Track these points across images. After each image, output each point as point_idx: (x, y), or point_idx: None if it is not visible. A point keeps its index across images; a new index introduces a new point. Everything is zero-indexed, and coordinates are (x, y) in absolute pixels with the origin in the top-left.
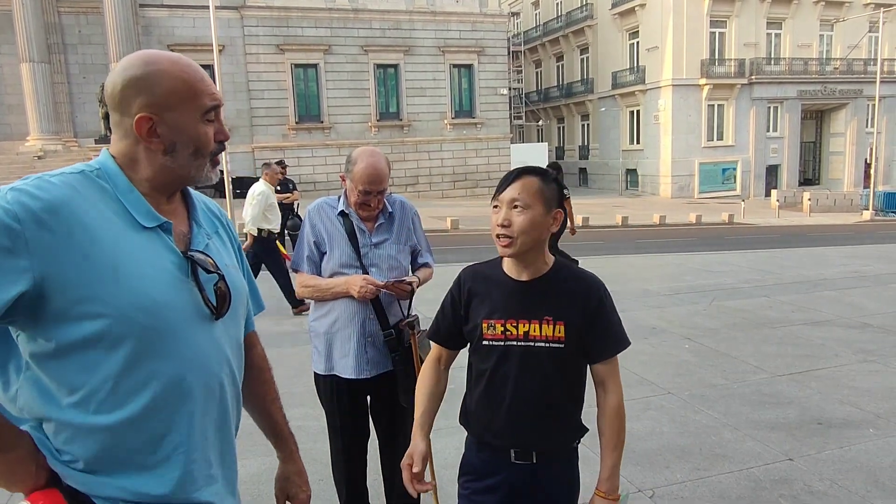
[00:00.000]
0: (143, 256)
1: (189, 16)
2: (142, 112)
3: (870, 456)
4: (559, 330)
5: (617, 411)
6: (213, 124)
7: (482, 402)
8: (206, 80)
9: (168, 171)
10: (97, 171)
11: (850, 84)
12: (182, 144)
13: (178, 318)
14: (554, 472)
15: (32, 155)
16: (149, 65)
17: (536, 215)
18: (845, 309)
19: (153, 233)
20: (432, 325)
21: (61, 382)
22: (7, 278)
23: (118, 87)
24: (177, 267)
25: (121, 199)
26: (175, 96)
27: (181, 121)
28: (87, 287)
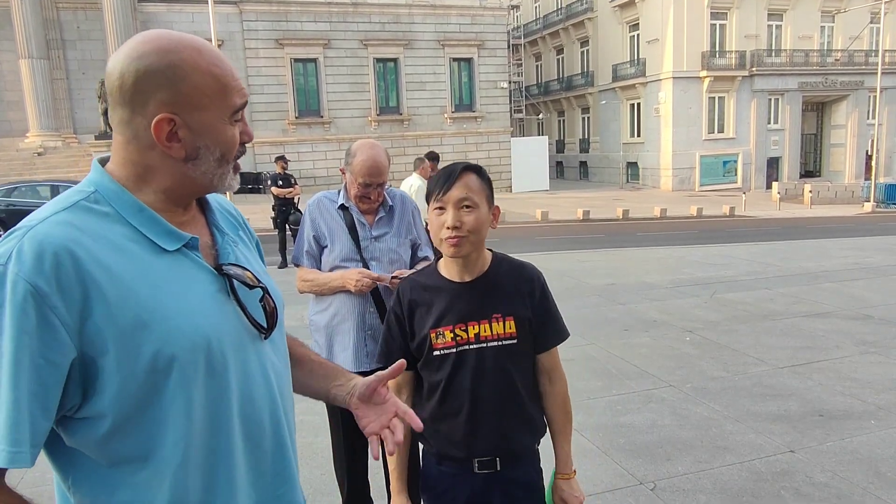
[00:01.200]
0: (177, 286)
1: (188, 11)
2: (162, 112)
3: (871, 447)
4: (509, 326)
5: (564, 398)
6: (239, 123)
7: (438, 414)
8: (235, 72)
9: (188, 181)
10: (93, 193)
11: (851, 75)
12: (206, 150)
13: (230, 347)
14: (518, 476)
15: (32, 151)
16: (169, 53)
17: (483, 213)
18: (846, 301)
19: (178, 254)
20: (380, 349)
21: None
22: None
23: (130, 78)
24: (215, 288)
25: (131, 223)
26: (204, 94)
27: (208, 123)
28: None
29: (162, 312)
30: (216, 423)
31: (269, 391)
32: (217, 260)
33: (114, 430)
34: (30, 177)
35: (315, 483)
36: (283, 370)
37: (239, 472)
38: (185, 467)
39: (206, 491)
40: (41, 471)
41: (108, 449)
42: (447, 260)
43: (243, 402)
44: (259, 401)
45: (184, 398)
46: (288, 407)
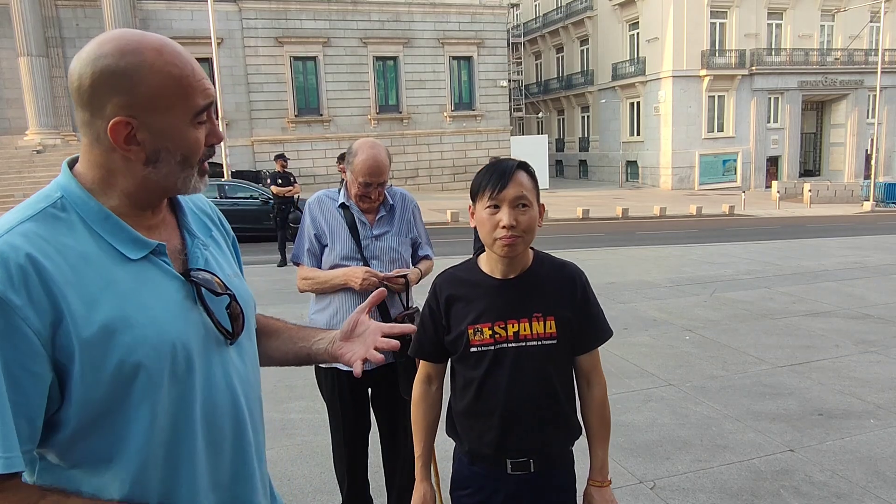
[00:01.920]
0: (142, 294)
1: (187, 8)
2: (119, 115)
3: (871, 446)
4: (550, 325)
5: (603, 403)
6: (205, 126)
7: (472, 411)
8: (199, 71)
9: (150, 184)
10: (60, 199)
11: (851, 75)
12: (167, 153)
13: (195, 353)
14: (553, 480)
15: (31, 149)
16: (128, 55)
17: (535, 212)
18: (846, 300)
19: (145, 261)
20: (413, 341)
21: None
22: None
23: (87, 79)
24: (182, 295)
25: (97, 231)
26: (162, 97)
27: (168, 125)
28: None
29: (127, 322)
30: (179, 428)
31: (233, 396)
32: (186, 265)
33: (76, 434)
34: (28, 174)
35: (314, 481)
36: (250, 375)
37: (200, 474)
38: (146, 470)
39: (166, 493)
40: None
41: (70, 452)
42: (491, 256)
43: (206, 407)
44: (221, 406)
45: (148, 404)
46: (254, 410)
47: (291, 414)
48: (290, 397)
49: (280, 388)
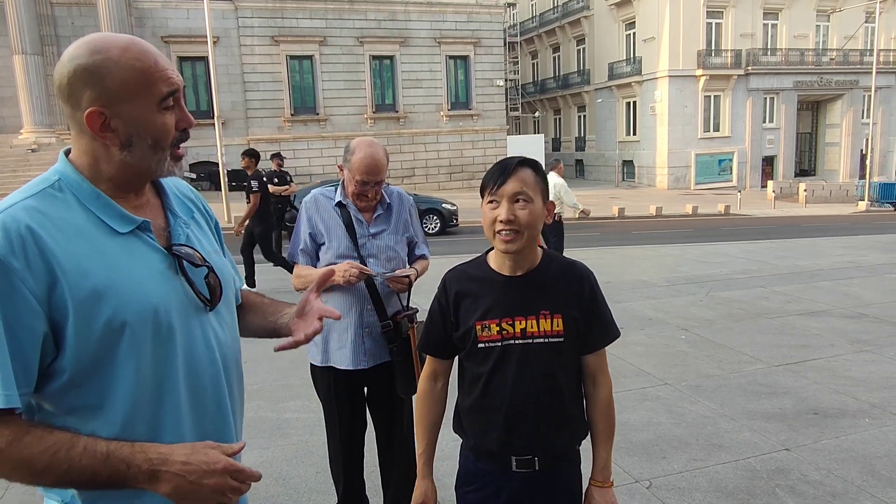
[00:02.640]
0: (129, 263)
1: (183, 7)
2: (92, 106)
3: (865, 445)
4: (557, 323)
5: (608, 404)
6: (174, 111)
7: (479, 407)
8: (161, 63)
9: (128, 168)
10: (57, 181)
11: (846, 75)
12: (139, 138)
13: (176, 319)
14: (558, 479)
15: (26, 148)
16: (96, 53)
17: (537, 208)
18: (841, 299)
19: (131, 235)
20: (422, 336)
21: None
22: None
23: (65, 78)
24: (164, 265)
25: (89, 208)
26: (126, 87)
27: (136, 112)
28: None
29: (114, 286)
30: (162, 382)
31: (212, 357)
32: (169, 240)
33: (70, 383)
34: (23, 173)
35: (310, 481)
36: (229, 340)
37: (184, 423)
38: (133, 418)
39: (152, 440)
40: None
41: (64, 400)
42: (497, 253)
43: (188, 364)
44: (201, 364)
45: (134, 358)
46: (230, 370)
47: (287, 413)
48: (286, 397)
49: (277, 387)
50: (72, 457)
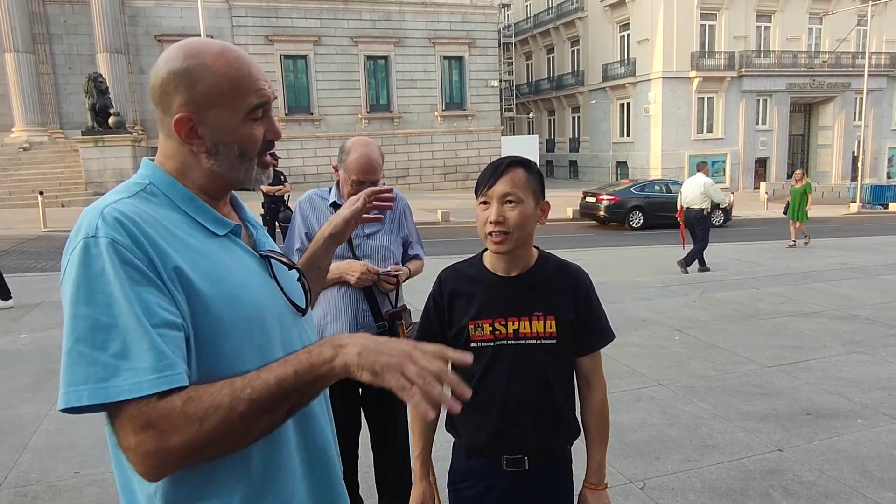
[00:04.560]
0: (233, 265)
1: (176, 6)
2: (181, 111)
3: (858, 446)
4: (550, 325)
5: (602, 406)
6: (262, 122)
7: (470, 407)
8: (255, 73)
9: (215, 176)
10: (149, 185)
11: (839, 77)
12: (226, 146)
13: (277, 322)
14: (547, 479)
15: (18, 146)
16: (190, 58)
17: (528, 209)
18: (834, 300)
19: (226, 239)
20: (417, 333)
21: None
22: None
23: (159, 80)
24: (260, 269)
25: (185, 210)
26: (216, 94)
27: (224, 121)
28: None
29: (224, 284)
30: None
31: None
32: (255, 248)
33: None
34: (15, 172)
35: None
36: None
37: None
38: None
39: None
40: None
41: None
42: (492, 253)
43: None
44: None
45: (240, 362)
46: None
47: None
48: None
49: None
50: (249, 378)
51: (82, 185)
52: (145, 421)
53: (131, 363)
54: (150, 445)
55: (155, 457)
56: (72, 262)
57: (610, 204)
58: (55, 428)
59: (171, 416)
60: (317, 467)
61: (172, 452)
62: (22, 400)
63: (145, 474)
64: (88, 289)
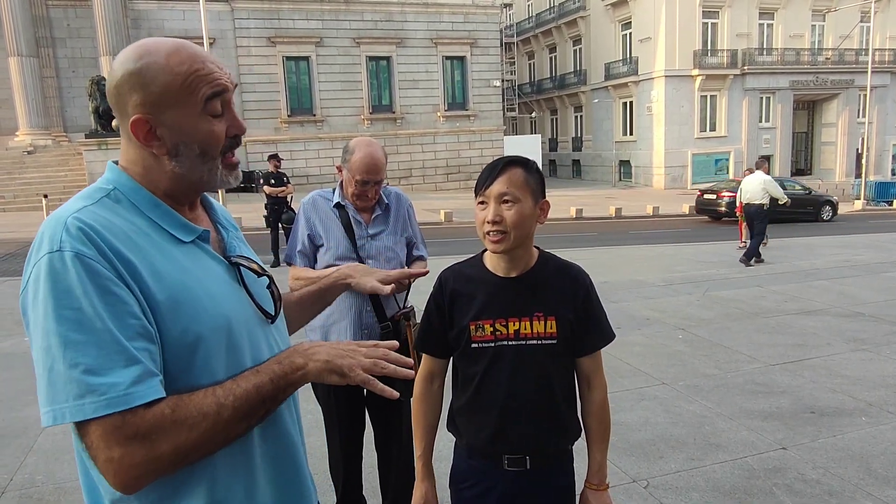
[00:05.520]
0: (198, 273)
1: (179, 8)
2: (137, 113)
3: (862, 444)
4: (551, 325)
5: (603, 406)
6: (223, 118)
7: (471, 407)
8: (208, 66)
9: (179, 178)
10: (113, 191)
11: (842, 74)
12: (185, 146)
13: (245, 330)
14: (548, 479)
15: (22, 150)
16: (142, 57)
17: (526, 208)
18: (837, 298)
19: (193, 245)
20: (418, 334)
21: None
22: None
23: (114, 82)
24: (228, 276)
25: (150, 217)
26: (171, 93)
27: (180, 119)
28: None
29: (189, 294)
30: None
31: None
32: (225, 252)
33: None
34: (19, 175)
35: None
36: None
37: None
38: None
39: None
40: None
41: None
42: (492, 253)
43: None
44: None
45: (209, 374)
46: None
47: None
48: None
49: None
50: (228, 386)
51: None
52: (133, 432)
53: (108, 378)
54: (139, 455)
55: (140, 467)
56: (37, 278)
57: (731, 201)
58: (60, 430)
59: (162, 424)
60: (280, 464)
61: (161, 460)
62: (27, 403)
63: (123, 486)
64: (57, 305)
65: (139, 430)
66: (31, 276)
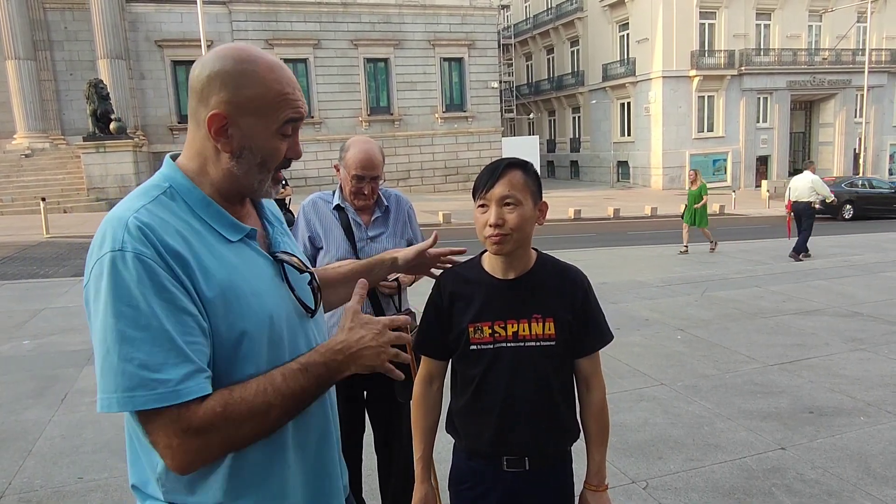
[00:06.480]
0: (245, 270)
1: (176, 11)
2: (218, 108)
3: (861, 443)
4: (549, 327)
5: (602, 407)
6: (288, 140)
7: (471, 409)
8: (295, 91)
9: (232, 178)
10: (169, 188)
11: (839, 74)
12: (250, 152)
13: (286, 325)
14: (548, 479)
15: (20, 153)
16: (243, 62)
17: (527, 211)
18: (836, 298)
19: (241, 243)
20: (417, 337)
21: None
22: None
23: (204, 74)
24: (272, 272)
25: (202, 216)
26: (258, 103)
27: (256, 129)
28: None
29: (236, 292)
30: None
31: None
32: (270, 248)
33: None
34: (17, 178)
35: None
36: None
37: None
38: None
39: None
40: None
41: None
42: (490, 256)
43: None
44: None
45: (252, 365)
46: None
47: None
48: None
49: None
50: (279, 387)
51: (84, 191)
52: (187, 426)
53: (159, 374)
54: (193, 446)
55: (194, 454)
56: (99, 275)
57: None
58: (59, 434)
59: (214, 421)
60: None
61: (213, 450)
62: (25, 406)
63: (179, 469)
64: (116, 302)
65: (192, 424)
66: (93, 272)
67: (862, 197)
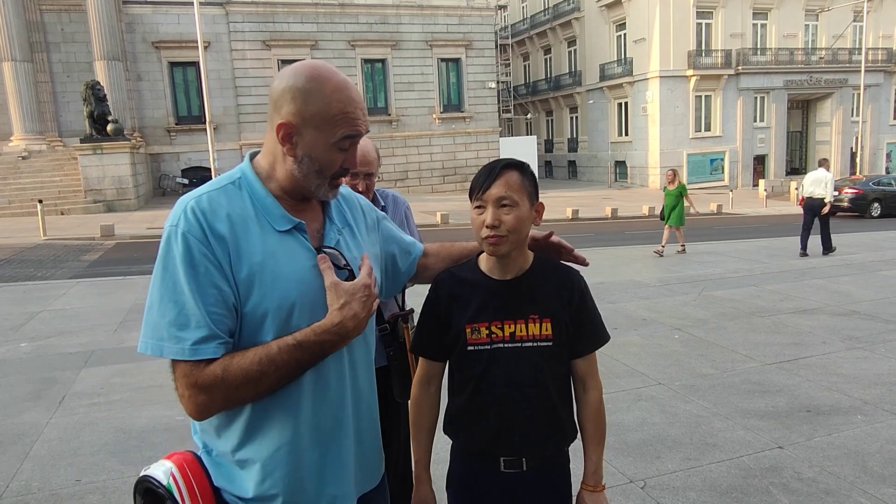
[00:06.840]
0: (282, 258)
1: (173, 12)
2: (286, 118)
3: (858, 442)
4: (546, 327)
5: (598, 407)
6: (345, 153)
7: (468, 409)
8: (358, 112)
9: (294, 180)
10: (239, 179)
11: (836, 73)
12: (309, 160)
13: (308, 312)
14: (545, 479)
15: (16, 155)
16: (312, 80)
17: (524, 212)
18: (833, 297)
19: (288, 234)
20: (414, 338)
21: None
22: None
23: (280, 87)
24: (312, 264)
25: (257, 206)
26: (320, 118)
27: (316, 141)
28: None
29: (266, 275)
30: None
31: (338, 356)
32: (321, 242)
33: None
34: (14, 180)
35: None
36: (360, 340)
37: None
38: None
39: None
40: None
41: None
42: (487, 257)
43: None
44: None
45: (269, 336)
46: (359, 366)
47: None
48: None
49: None
50: (274, 358)
51: (81, 193)
52: (194, 381)
53: (182, 333)
54: (199, 399)
55: (200, 406)
56: (161, 242)
57: (854, 196)
58: (56, 436)
59: (214, 381)
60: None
61: (215, 404)
62: (23, 409)
63: (190, 415)
64: (164, 268)
65: (198, 381)
66: (161, 239)
67: (889, 195)
